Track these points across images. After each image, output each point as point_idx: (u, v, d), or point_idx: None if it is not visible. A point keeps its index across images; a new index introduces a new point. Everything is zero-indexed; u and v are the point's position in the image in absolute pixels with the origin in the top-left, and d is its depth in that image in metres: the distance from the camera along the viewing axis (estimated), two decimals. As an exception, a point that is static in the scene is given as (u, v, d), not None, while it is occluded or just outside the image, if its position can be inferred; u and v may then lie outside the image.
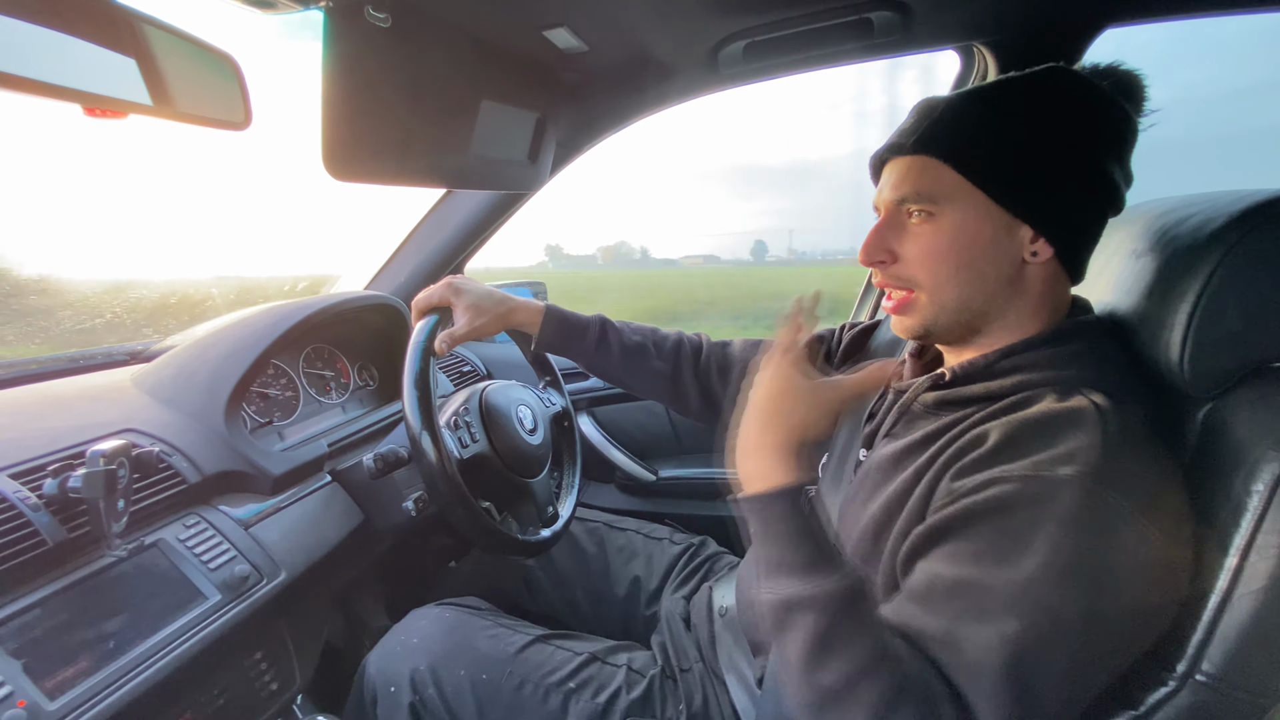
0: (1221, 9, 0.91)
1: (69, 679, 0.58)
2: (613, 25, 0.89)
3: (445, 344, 0.86)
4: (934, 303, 0.62)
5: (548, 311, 0.91)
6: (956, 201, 0.60)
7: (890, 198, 0.63)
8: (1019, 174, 0.58)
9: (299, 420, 1.06)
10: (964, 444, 0.57)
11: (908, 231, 0.62)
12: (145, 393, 0.91)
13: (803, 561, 0.54)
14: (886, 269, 0.64)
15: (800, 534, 0.55)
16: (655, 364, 0.93)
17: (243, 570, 0.75)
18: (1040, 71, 0.61)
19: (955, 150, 0.60)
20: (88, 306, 1.18)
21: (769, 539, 0.56)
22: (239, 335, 0.97)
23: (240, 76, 0.67)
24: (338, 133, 0.68)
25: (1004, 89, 0.61)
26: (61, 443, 0.73)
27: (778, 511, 0.56)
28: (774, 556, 0.55)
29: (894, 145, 0.64)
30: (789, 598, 0.53)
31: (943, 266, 0.61)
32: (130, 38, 0.61)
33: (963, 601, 0.49)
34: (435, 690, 0.79)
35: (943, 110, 0.61)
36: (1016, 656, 0.46)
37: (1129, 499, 0.49)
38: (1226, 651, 0.49)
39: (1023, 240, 0.59)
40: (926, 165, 0.61)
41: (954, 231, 0.60)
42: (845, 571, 0.53)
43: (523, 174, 1.07)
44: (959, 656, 0.48)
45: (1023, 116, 0.59)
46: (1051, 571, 0.47)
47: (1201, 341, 0.54)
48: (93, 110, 0.55)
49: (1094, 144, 0.59)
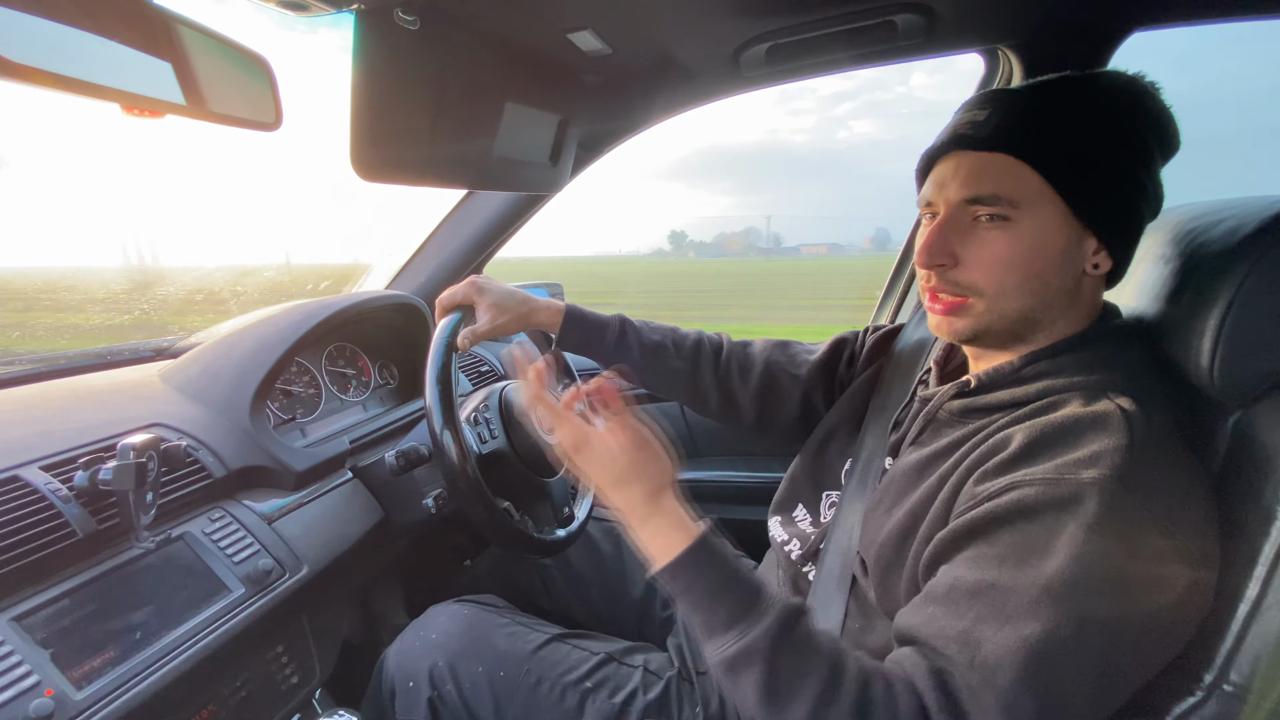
0: (1249, 14, 0.90)
1: (96, 669, 0.59)
2: (636, 28, 0.90)
3: (468, 340, 0.88)
4: (992, 310, 0.59)
5: (568, 311, 0.92)
6: (1036, 208, 0.56)
7: (958, 196, 0.59)
8: (1098, 182, 0.56)
9: (321, 417, 1.07)
10: (988, 448, 0.56)
11: (973, 235, 0.59)
12: (173, 388, 0.93)
13: (725, 617, 0.53)
14: (945, 272, 0.60)
15: (716, 590, 0.55)
16: (674, 363, 0.93)
17: (266, 564, 0.76)
18: (1108, 73, 0.59)
19: (1041, 151, 0.56)
20: (116, 303, 1.21)
21: (691, 605, 0.56)
22: (263, 333, 0.98)
23: (272, 78, 0.68)
24: (366, 134, 0.69)
25: (1079, 88, 0.58)
26: (91, 436, 0.74)
27: (687, 577, 0.56)
28: (701, 620, 0.55)
29: (964, 137, 0.59)
30: (727, 657, 0.52)
31: (1010, 276, 0.58)
32: (166, 39, 0.62)
33: (984, 604, 0.49)
34: (453, 686, 0.79)
35: (1022, 104, 0.57)
36: (1037, 659, 0.46)
37: (1153, 504, 0.48)
38: (1255, 661, 0.49)
39: (1087, 251, 0.58)
40: (1007, 164, 0.57)
41: (1030, 239, 0.57)
42: (769, 607, 0.53)
43: (544, 176, 1.08)
44: (976, 654, 0.48)
45: (1102, 119, 0.56)
46: (1075, 575, 0.46)
47: (1232, 348, 0.54)
48: (131, 109, 0.56)
49: (1154, 152, 0.58)
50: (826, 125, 33.96)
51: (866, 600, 0.66)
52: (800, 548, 0.78)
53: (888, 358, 0.86)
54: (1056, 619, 0.46)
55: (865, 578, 0.66)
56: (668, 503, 0.59)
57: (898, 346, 0.86)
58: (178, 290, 1.30)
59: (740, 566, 0.57)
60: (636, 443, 0.60)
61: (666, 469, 0.61)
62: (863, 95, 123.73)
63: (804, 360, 0.91)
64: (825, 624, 0.69)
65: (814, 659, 0.51)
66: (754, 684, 0.51)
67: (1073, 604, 0.46)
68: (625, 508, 0.60)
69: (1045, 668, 0.46)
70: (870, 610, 0.66)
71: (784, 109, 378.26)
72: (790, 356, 0.93)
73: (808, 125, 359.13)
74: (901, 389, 0.78)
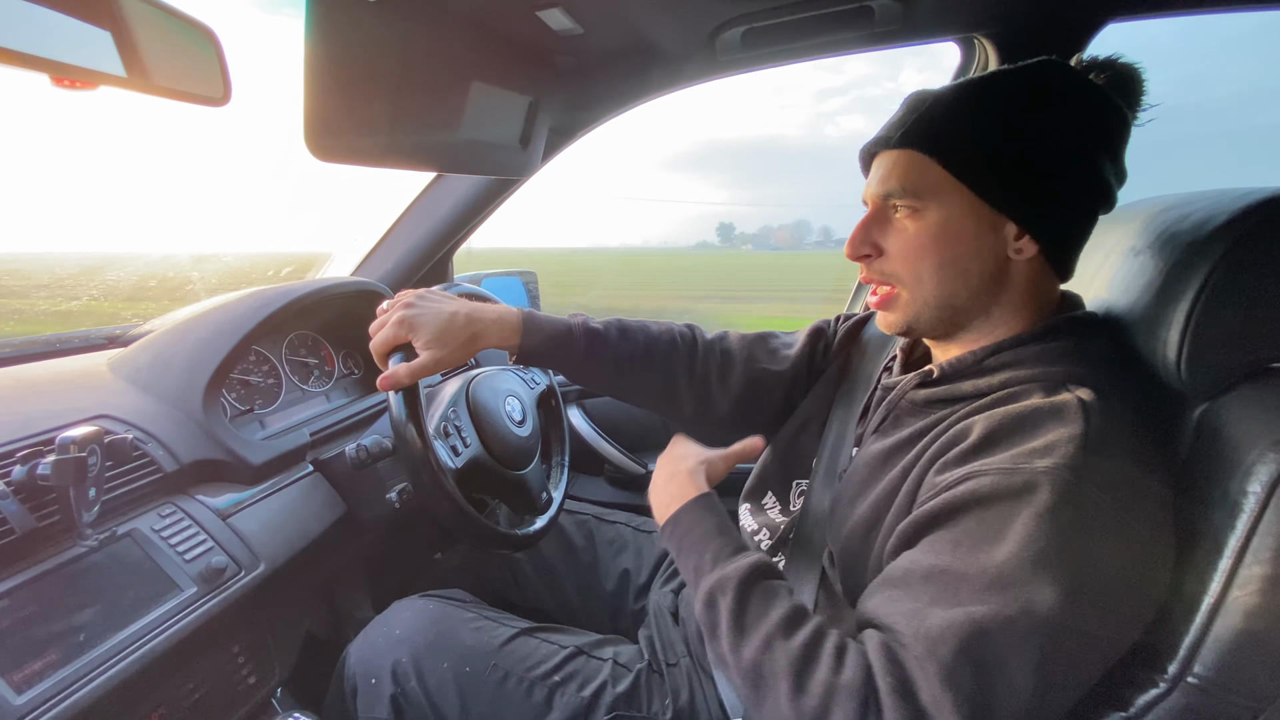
0: (1224, 6, 0.91)
1: (37, 672, 0.56)
2: (608, 7, 0.87)
3: (408, 379, 0.75)
4: (915, 299, 0.62)
5: (525, 324, 0.80)
6: (941, 197, 0.59)
7: (876, 192, 0.62)
8: (1005, 171, 0.58)
9: (281, 408, 1.04)
10: (948, 439, 0.56)
11: (892, 226, 0.62)
12: (122, 378, 0.89)
13: (711, 557, 0.60)
14: (871, 264, 0.64)
15: (707, 536, 0.62)
16: (647, 375, 0.86)
17: (220, 562, 0.73)
18: (1033, 65, 0.60)
19: (941, 146, 0.59)
20: (63, 288, 1.15)
21: (685, 551, 0.63)
22: (219, 320, 0.94)
23: (220, 50, 0.64)
24: (321, 110, 0.65)
25: (994, 82, 0.60)
26: (32, 428, 0.70)
27: (685, 526, 0.64)
28: (692, 564, 0.61)
29: (882, 139, 0.63)
30: (708, 588, 0.58)
31: (924, 263, 0.61)
32: (105, 6, 0.59)
33: (936, 587, 0.49)
34: (417, 682, 0.78)
35: (931, 104, 0.61)
36: (978, 635, 0.46)
37: (1109, 493, 0.48)
38: (1219, 654, 0.49)
39: (1007, 237, 0.59)
40: (913, 160, 0.60)
41: (937, 228, 0.60)
42: (750, 554, 0.59)
43: (514, 159, 1.05)
44: (921, 626, 0.48)
45: (1012, 112, 0.58)
46: (1023, 561, 0.47)
47: (1200, 341, 0.54)
48: (61, 81, 0.52)
49: (1084, 140, 0.58)
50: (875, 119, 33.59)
51: (834, 591, 0.66)
52: (770, 537, 0.78)
53: (856, 346, 0.86)
54: (1003, 602, 0.46)
55: (833, 568, 0.66)
56: (689, 471, 0.70)
57: (866, 334, 0.86)
58: (129, 275, 1.24)
59: (731, 525, 0.65)
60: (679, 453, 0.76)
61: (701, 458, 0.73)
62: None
63: (784, 355, 0.89)
64: None
65: (780, 602, 0.55)
66: (726, 612, 0.55)
67: (1020, 589, 0.46)
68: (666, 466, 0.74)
69: (987, 644, 0.46)
70: (838, 601, 0.66)
71: (832, 102, 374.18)
72: (771, 352, 0.89)
73: (851, 123, 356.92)
74: (867, 378, 0.78)
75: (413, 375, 0.75)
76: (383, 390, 0.76)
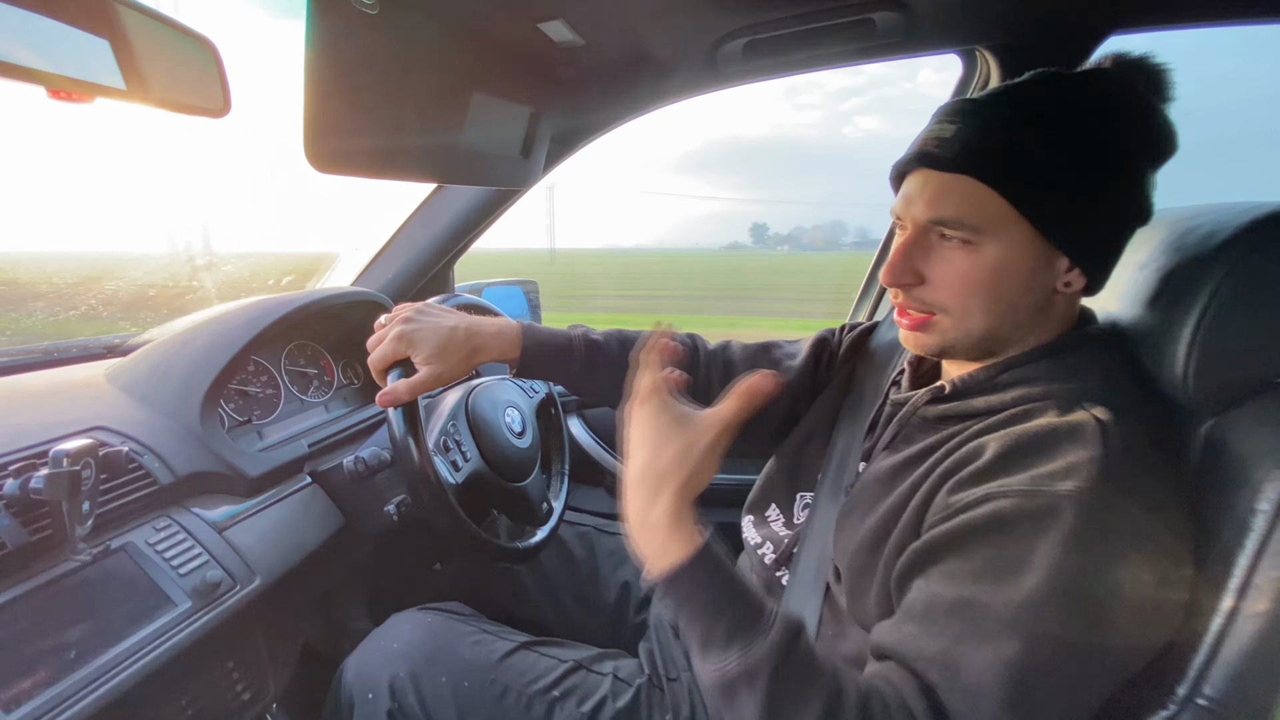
0: (1227, 19, 0.91)
1: (25, 691, 0.55)
2: (610, 18, 0.87)
3: (407, 395, 0.74)
4: (958, 328, 0.59)
5: (525, 337, 0.80)
6: (1001, 232, 0.55)
7: (924, 216, 0.57)
8: (1070, 206, 0.54)
9: (279, 419, 1.03)
10: (961, 457, 0.55)
11: (937, 254, 0.58)
12: (119, 389, 0.88)
13: (725, 634, 0.50)
14: (910, 291, 0.60)
15: (716, 603, 0.51)
16: None
17: (215, 576, 0.72)
18: (1092, 76, 0.57)
19: (1009, 177, 0.54)
20: (60, 298, 1.15)
21: (688, 617, 0.52)
22: (218, 330, 0.94)
23: (219, 61, 0.64)
24: (320, 122, 0.65)
25: (1050, 95, 0.56)
26: (25, 440, 0.70)
27: (687, 588, 0.52)
28: (698, 634, 0.52)
29: (929, 155, 0.57)
30: (725, 677, 0.49)
31: (975, 299, 0.57)
32: (103, 18, 0.58)
33: (962, 622, 0.48)
34: (415, 697, 0.77)
35: (985, 121, 0.55)
36: (1017, 680, 0.45)
37: (1129, 516, 0.48)
38: (1229, 675, 0.48)
39: (1059, 270, 0.57)
40: (972, 189, 0.55)
41: (994, 264, 0.56)
42: (770, 624, 0.50)
43: (515, 170, 1.05)
44: (957, 678, 0.47)
45: (1078, 141, 0.54)
46: (1052, 591, 0.46)
47: (1206, 356, 0.53)
48: (58, 93, 0.52)
49: (1141, 165, 0.56)
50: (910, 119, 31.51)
51: (839, 607, 0.65)
52: (774, 551, 0.77)
53: (861, 357, 0.85)
54: (1035, 636, 0.45)
55: (838, 584, 0.65)
56: (681, 510, 0.54)
57: (872, 345, 0.85)
58: (128, 284, 1.24)
59: (740, 578, 0.53)
60: (659, 433, 0.54)
61: (695, 477, 0.54)
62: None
63: (789, 366, 0.88)
64: None
65: (816, 680, 0.48)
66: (754, 704, 0.48)
67: (1050, 620, 0.46)
68: (640, 504, 0.54)
69: (1026, 689, 0.45)
70: (843, 617, 0.65)
71: (866, 97, 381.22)
72: (774, 362, 0.88)
73: (870, 122, 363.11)
74: (874, 391, 0.77)
75: (412, 391, 0.74)
76: (382, 407, 0.75)
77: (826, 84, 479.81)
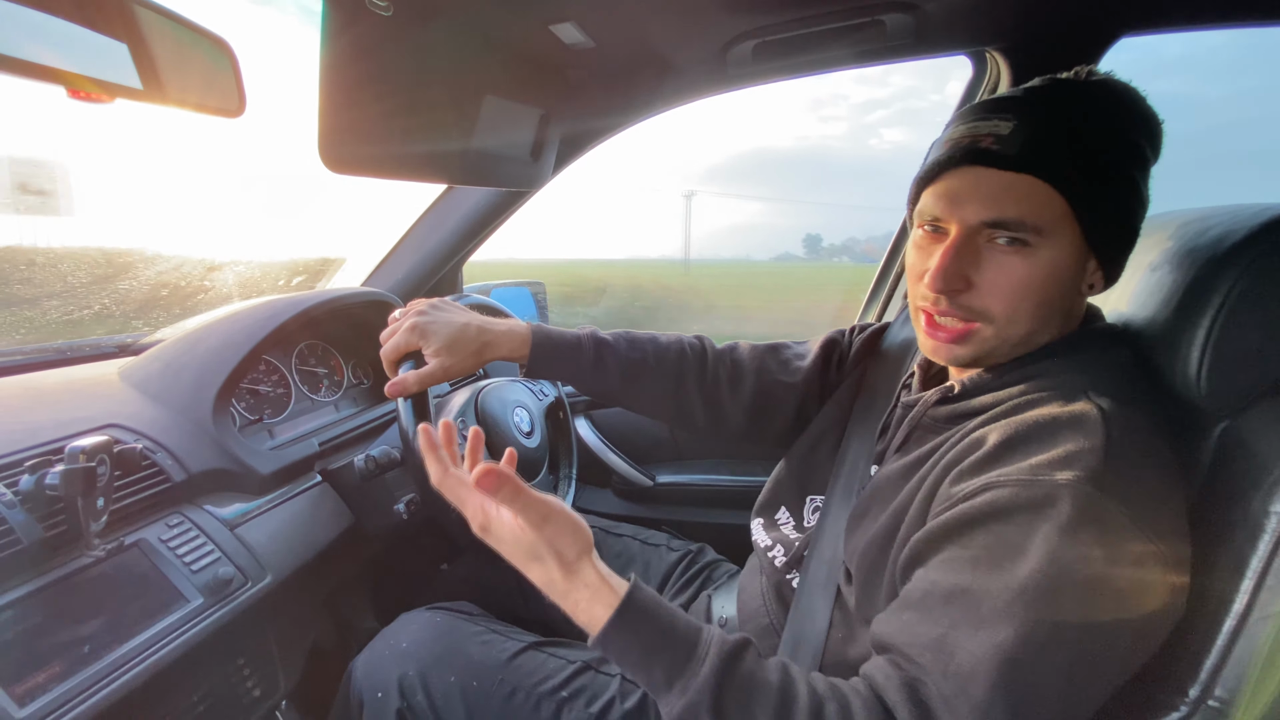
0: (1238, 21, 0.90)
1: (40, 685, 0.56)
2: (620, 21, 0.88)
3: (415, 385, 0.75)
4: (1000, 336, 0.57)
5: (535, 335, 0.80)
6: (1057, 235, 0.53)
7: (978, 218, 0.54)
8: (1110, 204, 0.54)
9: (290, 418, 1.04)
10: (963, 448, 0.55)
11: (989, 258, 0.55)
12: (132, 387, 0.89)
13: (663, 677, 0.51)
14: (956, 298, 0.57)
15: (649, 650, 0.52)
16: (658, 382, 0.86)
17: (227, 572, 0.72)
18: (1107, 79, 0.57)
19: (1071, 175, 0.52)
20: (75, 297, 1.16)
21: (630, 670, 0.53)
22: (230, 330, 0.95)
23: (235, 62, 0.65)
24: (335, 124, 0.66)
25: (1105, 93, 0.55)
26: (41, 437, 0.70)
27: (618, 643, 0.52)
28: (643, 681, 0.53)
29: (985, 153, 0.54)
30: (674, 716, 0.50)
31: (1025, 304, 0.55)
32: (121, 19, 0.59)
33: (958, 609, 0.48)
34: (424, 697, 0.77)
35: (1047, 116, 0.54)
36: (1011, 667, 0.45)
37: (1127, 506, 0.47)
38: (1241, 676, 0.48)
39: (1089, 270, 0.57)
40: (1034, 189, 0.53)
41: (1048, 267, 0.54)
42: (704, 656, 0.51)
43: (525, 171, 1.05)
44: (950, 662, 0.47)
45: (1125, 137, 0.54)
46: (1048, 578, 0.46)
47: (1220, 357, 0.53)
48: (77, 93, 0.53)
49: (1149, 161, 0.57)
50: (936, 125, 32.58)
51: (849, 609, 0.65)
52: (785, 554, 0.77)
53: (873, 359, 0.85)
54: (1030, 623, 0.45)
55: (848, 586, 0.65)
56: (586, 573, 0.54)
57: (883, 346, 0.85)
58: (141, 284, 1.25)
59: (671, 616, 0.53)
60: (539, 519, 0.53)
61: (579, 537, 0.54)
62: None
63: (797, 366, 0.87)
64: (810, 634, 0.68)
65: (760, 698, 0.49)
66: None
67: (1046, 608, 0.45)
68: (544, 584, 0.55)
69: (1019, 675, 0.45)
70: (853, 619, 0.65)
71: (894, 108, 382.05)
72: (783, 363, 0.88)
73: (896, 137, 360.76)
74: (886, 393, 0.77)
75: (421, 382, 0.75)
76: (391, 396, 0.76)
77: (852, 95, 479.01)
